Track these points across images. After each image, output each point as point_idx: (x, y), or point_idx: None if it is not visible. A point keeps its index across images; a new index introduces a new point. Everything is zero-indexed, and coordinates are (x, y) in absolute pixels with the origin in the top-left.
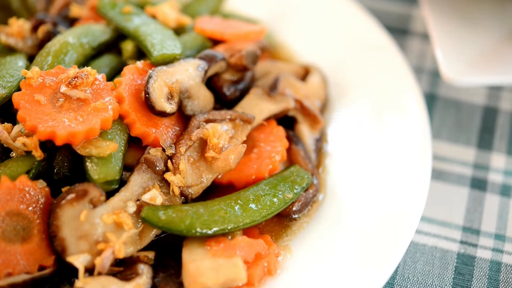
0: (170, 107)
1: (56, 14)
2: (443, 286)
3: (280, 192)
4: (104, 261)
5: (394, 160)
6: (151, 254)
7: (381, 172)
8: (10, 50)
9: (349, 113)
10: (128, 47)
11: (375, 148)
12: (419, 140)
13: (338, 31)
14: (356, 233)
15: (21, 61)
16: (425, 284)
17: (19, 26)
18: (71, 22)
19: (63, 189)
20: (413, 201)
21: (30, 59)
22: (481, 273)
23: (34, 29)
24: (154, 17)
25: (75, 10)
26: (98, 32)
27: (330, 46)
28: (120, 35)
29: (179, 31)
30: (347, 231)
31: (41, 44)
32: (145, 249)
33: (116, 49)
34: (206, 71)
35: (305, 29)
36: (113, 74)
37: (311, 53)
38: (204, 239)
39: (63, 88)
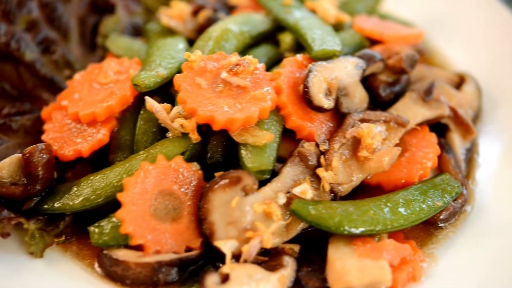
0: (327, 103)
1: (215, 0)
2: None
3: (429, 199)
4: (251, 249)
5: None
6: (296, 247)
7: None
8: (168, 32)
9: (502, 126)
10: (286, 39)
11: None
12: None
13: (494, 41)
14: (503, 250)
15: (181, 44)
16: None
17: (180, 9)
18: (230, 9)
19: (216, 174)
20: None
21: (188, 42)
22: None
23: (194, 13)
24: (313, 11)
25: None
26: (258, 22)
27: (485, 56)
28: (278, 26)
29: (336, 27)
30: (494, 247)
31: (200, 28)
32: (290, 241)
33: (272, 40)
34: (364, 70)
35: (460, 36)
36: (270, 64)
37: (465, 61)
38: (350, 238)
39: (223, 74)
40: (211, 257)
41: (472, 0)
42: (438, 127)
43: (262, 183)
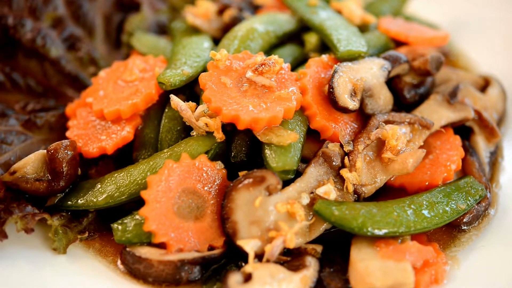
0: (352, 104)
1: None
2: None
3: (453, 202)
4: (274, 249)
5: None
6: (319, 248)
7: None
8: (193, 31)
9: None
10: (312, 39)
11: None
12: None
13: None
14: None
15: (206, 42)
16: None
17: (205, 8)
18: (255, 8)
19: (240, 173)
20: None
21: (213, 41)
22: None
23: (220, 12)
24: (339, 12)
25: None
26: (283, 22)
27: (510, 59)
28: (303, 27)
29: (362, 28)
30: None
31: (225, 27)
32: (313, 242)
33: (298, 40)
34: (389, 72)
35: (485, 39)
36: (295, 64)
37: (490, 64)
38: (373, 239)
39: (249, 74)
40: (233, 256)
41: (497, 2)
42: (462, 130)
43: (286, 183)
